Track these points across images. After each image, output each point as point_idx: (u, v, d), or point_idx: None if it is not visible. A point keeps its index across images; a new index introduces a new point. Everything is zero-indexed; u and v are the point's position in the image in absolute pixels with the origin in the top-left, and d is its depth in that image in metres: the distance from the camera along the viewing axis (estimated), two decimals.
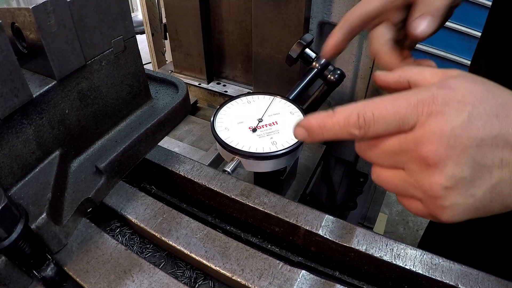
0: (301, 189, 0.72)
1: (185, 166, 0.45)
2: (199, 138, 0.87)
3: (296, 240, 0.39)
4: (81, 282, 0.34)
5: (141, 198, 0.42)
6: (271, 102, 0.57)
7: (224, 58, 1.01)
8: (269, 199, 0.40)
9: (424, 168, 0.29)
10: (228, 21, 0.93)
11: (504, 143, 0.28)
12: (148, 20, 1.49)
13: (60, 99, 0.39)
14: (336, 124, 0.32)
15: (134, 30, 0.45)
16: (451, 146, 0.28)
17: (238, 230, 0.43)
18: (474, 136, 0.27)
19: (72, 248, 0.37)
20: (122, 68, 0.45)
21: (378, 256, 0.34)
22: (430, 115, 0.29)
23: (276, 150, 0.48)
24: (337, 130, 0.32)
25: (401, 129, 0.30)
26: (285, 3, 0.76)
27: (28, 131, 0.37)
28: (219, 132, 0.51)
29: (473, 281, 0.31)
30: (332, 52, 0.46)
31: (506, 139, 0.28)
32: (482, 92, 0.29)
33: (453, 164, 0.28)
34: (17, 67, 0.33)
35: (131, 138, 0.43)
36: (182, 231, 0.38)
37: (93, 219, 0.40)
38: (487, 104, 0.28)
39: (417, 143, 0.29)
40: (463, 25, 1.79)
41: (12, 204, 0.31)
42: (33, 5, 0.33)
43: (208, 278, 0.37)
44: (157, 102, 0.52)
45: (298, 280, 0.32)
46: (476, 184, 0.28)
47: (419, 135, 0.29)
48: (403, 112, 0.29)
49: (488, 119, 0.28)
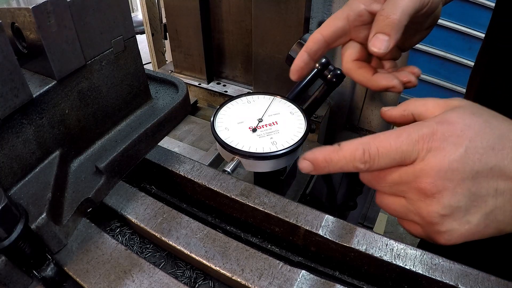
0: (301, 189, 0.72)
1: (185, 166, 0.45)
2: (199, 138, 0.87)
3: (296, 240, 0.39)
4: (81, 282, 0.34)
5: (141, 198, 0.42)
6: (271, 102, 0.57)
7: (224, 58, 1.01)
8: (269, 199, 0.40)
9: (423, 198, 0.31)
10: (228, 21, 0.93)
11: (499, 174, 0.29)
12: (148, 20, 1.49)
13: (60, 99, 0.39)
14: (343, 158, 0.33)
15: (134, 30, 0.45)
16: (448, 178, 0.30)
17: (238, 230, 0.43)
18: (470, 169, 0.29)
19: (72, 248, 0.37)
20: (122, 68, 0.45)
21: (378, 256, 0.34)
22: (429, 150, 0.30)
23: (276, 150, 0.48)
24: (343, 164, 0.33)
25: (403, 163, 0.32)
26: (285, 3, 0.76)
27: (28, 131, 0.37)
28: (219, 132, 0.51)
29: (473, 281, 0.31)
30: (298, 74, 0.47)
31: (501, 170, 0.29)
32: (480, 125, 0.31)
33: (450, 195, 0.30)
34: (17, 67, 0.33)
35: (131, 138, 0.43)
36: (182, 231, 0.38)
37: (93, 219, 0.40)
38: (484, 137, 0.30)
39: (416, 176, 0.31)
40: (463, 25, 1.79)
41: (12, 204, 0.31)
42: (33, 5, 0.33)
43: (208, 278, 0.37)
44: (157, 102, 0.52)
45: (298, 280, 0.32)
46: (472, 212, 0.30)
47: (418, 168, 0.31)
48: (405, 148, 0.31)
49: (484, 152, 0.29)
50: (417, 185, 0.31)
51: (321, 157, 0.34)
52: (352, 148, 0.33)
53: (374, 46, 0.38)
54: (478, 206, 0.30)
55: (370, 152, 0.32)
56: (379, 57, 0.45)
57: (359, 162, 0.33)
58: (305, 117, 0.54)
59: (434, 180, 0.30)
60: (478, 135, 0.30)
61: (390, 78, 0.42)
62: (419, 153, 0.31)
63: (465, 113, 0.32)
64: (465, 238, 0.32)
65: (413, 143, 0.31)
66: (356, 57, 0.44)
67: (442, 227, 0.31)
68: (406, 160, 0.32)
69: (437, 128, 0.31)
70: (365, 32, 0.43)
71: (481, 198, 0.30)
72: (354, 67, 0.44)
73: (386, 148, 0.32)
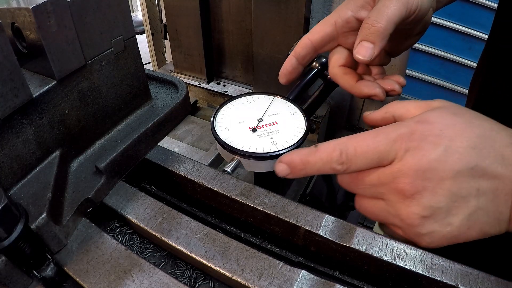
0: (301, 189, 0.72)
1: (185, 166, 0.45)
2: (199, 138, 0.87)
3: (296, 240, 0.39)
4: (81, 282, 0.34)
5: (141, 198, 0.42)
6: (271, 102, 0.57)
7: (224, 58, 1.01)
8: (269, 199, 0.39)
9: (402, 199, 0.30)
10: (228, 21, 0.93)
11: (481, 174, 0.28)
12: (148, 20, 1.49)
13: (60, 99, 0.39)
14: (319, 160, 0.33)
15: (134, 30, 0.45)
16: (428, 178, 0.29)
17: (238, 230, 0.43)
18: (450, 169, 0.28)
19: (72, 248, 0.37)
20: (122, 68, 0.45)
21: (378, 256, 0.34)
22: (407, 150, 0.30)
23: (276, 150, 0.48)
24: (320, 166, 0.33)
25: (380, 163, 0.31)
26: (285, 3, 0.76)
27: (28, 131, 0.37)
28: (219, 132, 0.51)
29: (473, 281, 0.31)
30: (286, 78, 0.48)
31: (482, 170, 0.28)
32: (460, 125, 0.30)
33: (430, 195, 0.29)
34: (17, 67, 0.33)
35: (131, 138, 0.43)
36: (182, 231, 0.38)
37: (93, 219, 0.40)
38: (465, 136, 0.29)
39: (395, 176, 0.30)
40: (463, 25, 1.79)
41: (12, 204, 0.31)
42: (33, 5, 0.33)
43: (208, 278, 0.37)
44: (157, 102, 0.52)
45: (298, 280, 0.32)
46: (453, 213, 0.29)
47: (396, 169, 0.30)
48: (382, 148, 0.30)
49: (464, 152, 0.28)
50: (396, 185, 0.30)
51: (298, 159, 0.34)
52: (329, 149, 0.32)
53: (359, 54, 0.38)
54: (460, 206, 0.29)
55: (347, 152, 0.31)
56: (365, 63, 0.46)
57: (336, 163, 0.32)
58: (305, 117, 0.53)
59: (413, 180, 0.29)
60: (458, 135, 0.29)
61: (373, 86, 0.42)
62: (397, 153, 0.30)
63: (445, 113, 0.31)
64: (447, 240, 0.31)
65: (391, 143, 0.30)
66: (343, 62, 0.45)
67: (423, 229, 0.30)
68: (384, 161, 0.31)
69: (415, 128, 0.30)
70: (353, 38, 0.43)
71: (463, 198, 0.29)
72: (340, 72, 0.45)
73: (363, 149, 0.31)
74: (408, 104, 0.36)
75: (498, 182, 0.28)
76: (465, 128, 0.30)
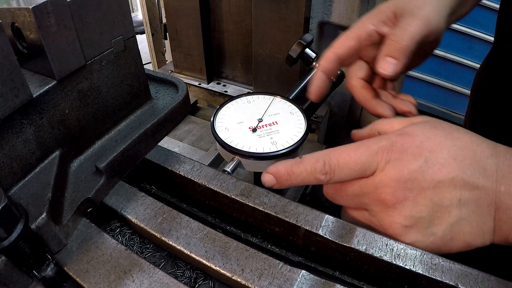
0: (301, 189, 0.72)
1: (185, 166, 0.45)
2: (199, 138, 0.87)
3: (296, 240, 0.39)
4: (81, 282, 0.34)
5: (141, 198, 0.42)
6: (271, 102, 0.57)
7: (224, 58, 1.01)
8: (269, 199, 0.40)
9: (384, 209, 0.31)
10: (228, 21, 0.93)
11: (462, 184, 0.29)
12: (148, 20, 1.49)
13: (60, 99, 0.39)
14: (304, 170, 0.34)
15: (134, 30, 0.45)
16: (408, 188, 0.29)
17: (238, 230, 0.43)
18: (431, 179, 0.29)
19: (72, 248, 0.37)
20: (122, 68, 0.45)
21: (378, 256, 0.34)
22: (388, 161, 0.31)
23: (276, 150, 0.48)
24: (305, 176, 0.34)
25: (363, 174, 0.32)
26: (285, 3, 0.76)
27: (28, 131, 0.37)
28: (219, 132, 0.51)
29: (473, 281, 0.31)
30: (317, 95, 0.47)
31: (463, 180, 0.29)
32: (441, 137, 0.30)
33: (411, 205, 0.30)
34: (17, 67, 0.33)
35: (131, 138, 0.43)
36: (182, 231, 0.38)
37: (93, 219, 0.40)
38: (445, 148, 0.30)
39: (376, 187, 0.31)
40: (463, 25, 1.79)
41: (12, 204, 0.31)
42: (33, 5, 0.33)
43: (208, 278, 0.37)
44: (157, 102, 0.52)
45: (298, 280, 0.32)
46: (435, 223, 0.30)
47: (378, 179, 0.31)
48: (364, 159, 0.31)
49: (445, 163, 0.29)
50: (378, 196, 0.31)
51: (283, 170, 0.35)
52: (313, 160, 0.34)
53: (383, 69, 0.39)
54: (442, 217, 0.30)
55: (330, 163, 0.33)
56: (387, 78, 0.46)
57: (320, 173, 0.33)
58: (305, 117, 0.54)
59: (394, 190, 0.30)
60: (439, 146, 0.30)
61: (387, 108, 0.43)
62: (378, 164, 0.31)
63: (426, 126, 0.32)
64: (431, 251, 0.31)
65: (372, 155, 0.31)
66: (362, 76, 0.45)
67: (406, 238, 0.31)
68: (366, 172, 0.32)
69: (396, 140, 0.31)
70: (372, 52, 0.44)
71: (445, 208, 0.29)
72: (358, 85, 0.45)
73: (345, 159, 0.32)
74: (393, 121, 0.37)
75: (480, 193, 0.29)
76: (445, 140, 0.30)
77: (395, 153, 0.30)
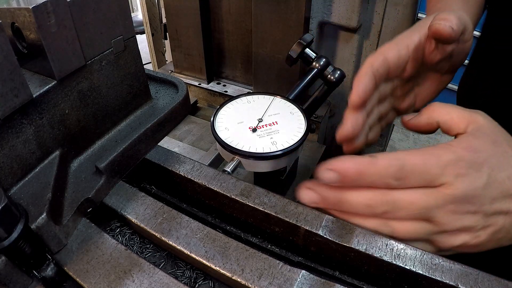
0: None
1: (185, 166, 0.45)
2: (199, 138, 0.87)
3: (296, 240, 0.39)
4: (81, 282, 0.34)
5: (141, 198, 0.42)
6: (271, 102, 0.57)
7: (224, 58, 1.01)
8: (269, 199, 0.40)
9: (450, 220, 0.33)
10: (228, 21, 0.93)
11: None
12: (148, 20, 1.49)
13: (60, 99, 0.39)
14: (377, 173, 0.32)
15: (134, 30, 0.45)
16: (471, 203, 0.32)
17: (238, 230, 0.43)
18: (490, 195, 0.32)
19: (72, 248, 0.37)
20: (122, 68, 0.45)
21: (378, 256, 0.34)
22: (457, 176, 0.32)
23: (276, 150, 0.48)
24: (375, 179, 0.33)
25: (430, 184, 0.33)
26: (285, 3, 0.76)
27: (28, 131, 0.37)
28: (219, 132, 0.51)
29: (473, 281, 0.31)
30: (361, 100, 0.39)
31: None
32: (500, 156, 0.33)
33: (470, 217, 0.33)
34: (17, 67, 0.33)
35: (131, 138, 0.43)
36: (182, 231, 0.38)
37: (93, 219, 0.40)
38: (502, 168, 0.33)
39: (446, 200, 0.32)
40: None
41: (12, 204, 0.31)
42: (33, 5, 0.33)
43: (208, 278, 0.37)
44: (157, 102, 0.52)
45: (298, 280, 0.32)
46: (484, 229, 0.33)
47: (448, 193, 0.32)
48: (434, 171, 0.32)
49: (502, 181, 0.32)
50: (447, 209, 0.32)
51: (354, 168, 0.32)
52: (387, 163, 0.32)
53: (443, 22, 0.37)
54: (491, 225, 0.33)
55: (406, 169, 0.32)
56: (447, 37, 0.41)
57: (392, 178, 0.32)
58: (305, 117, 0.54)
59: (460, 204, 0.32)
60: (497, 165, 0.33)
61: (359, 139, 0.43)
62: (447, 178, 0.32)
63: (488, 142, 0.34)
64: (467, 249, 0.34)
65: (442, 167, 0.32)
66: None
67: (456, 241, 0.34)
68: (434, 182, 0.32)
69: (463, 155, 0.33)
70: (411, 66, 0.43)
71: (495, 218, 0.33)
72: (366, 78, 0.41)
73: (420, 168, 0.32)
74: (451, 110, 0.37)
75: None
76: (503, 158, 0.33)
77: (462, 168, 0.32)
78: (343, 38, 0.91)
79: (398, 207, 0.33)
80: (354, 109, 0.39)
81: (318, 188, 0.34)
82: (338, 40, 0.91)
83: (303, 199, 0.34)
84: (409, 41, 0.42)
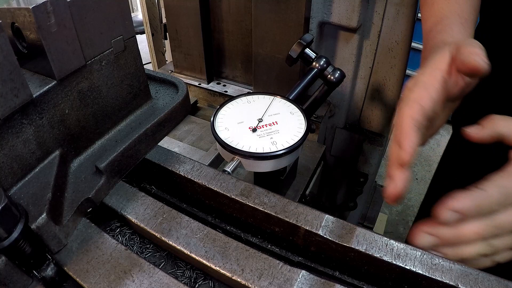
0: (301, 189, 0.72)
1: (185, 166, 0.45)
2: (199, 138, 0.87)
3: (296, 240, 0.39)
4: (81, 282, 0.34)
5: (141, 198, 0.42)
6: (271, 102, 0.57)
7: (224, 58, 1.01)
8: (269, 199, 0.40)
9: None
10: (228, 21, 0.93)
11: None
12: (148, 20, 1.49)
13: (60, 99, 0.39)
14: (490, 203, 0.34)
15: (134, 30, 0.45)
16: None
17: (238, 230, 0.43)
18: None
19: (72, 248, 0.37)
20: (122, 68, 0.45)
21: (378, 256, 0.34)
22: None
23: (276, 150, 0.48)
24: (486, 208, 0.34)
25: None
26: (285, 3, 0.76)
27: (28, 131, 0.37)
28: (219, 132, 0.51)
29: (473, 281, 0.31)
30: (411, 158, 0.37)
31: None
32: None
33: None
34: (17, 67, 0.33)
35: (131, 138, 0.43)
36: (182, 231, 0.38)
37: (93, 219, 0.40)
38: None
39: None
40: None
41: (12, 204, 0.31)
42: (33, 5, 0.33)
43: (208, 278, 0.37)
44: (157, 102, 0.52)
45: (298, 280, 0.32)
46: None
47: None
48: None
49: None
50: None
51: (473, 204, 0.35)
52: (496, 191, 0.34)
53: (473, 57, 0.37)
54: None
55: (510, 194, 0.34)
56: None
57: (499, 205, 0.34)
58: (305, 117, 0.54)
59: None
60: None
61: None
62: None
63: None
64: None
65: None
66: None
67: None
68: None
69: None
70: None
71: None
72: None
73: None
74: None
75: None
76: None
77: None
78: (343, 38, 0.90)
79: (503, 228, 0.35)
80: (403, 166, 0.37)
81: (434, 230, 0.35)
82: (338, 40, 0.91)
83: (421, 243, 0.35)
84: (435, 82, 0.40)
